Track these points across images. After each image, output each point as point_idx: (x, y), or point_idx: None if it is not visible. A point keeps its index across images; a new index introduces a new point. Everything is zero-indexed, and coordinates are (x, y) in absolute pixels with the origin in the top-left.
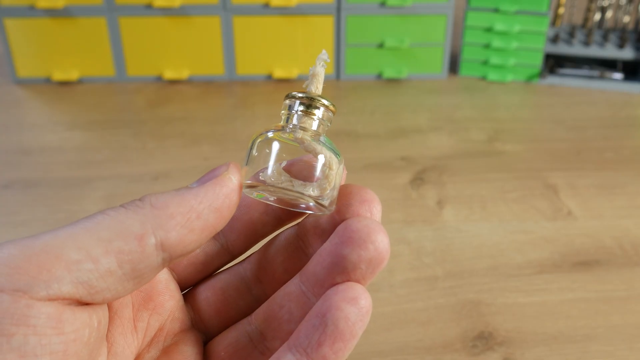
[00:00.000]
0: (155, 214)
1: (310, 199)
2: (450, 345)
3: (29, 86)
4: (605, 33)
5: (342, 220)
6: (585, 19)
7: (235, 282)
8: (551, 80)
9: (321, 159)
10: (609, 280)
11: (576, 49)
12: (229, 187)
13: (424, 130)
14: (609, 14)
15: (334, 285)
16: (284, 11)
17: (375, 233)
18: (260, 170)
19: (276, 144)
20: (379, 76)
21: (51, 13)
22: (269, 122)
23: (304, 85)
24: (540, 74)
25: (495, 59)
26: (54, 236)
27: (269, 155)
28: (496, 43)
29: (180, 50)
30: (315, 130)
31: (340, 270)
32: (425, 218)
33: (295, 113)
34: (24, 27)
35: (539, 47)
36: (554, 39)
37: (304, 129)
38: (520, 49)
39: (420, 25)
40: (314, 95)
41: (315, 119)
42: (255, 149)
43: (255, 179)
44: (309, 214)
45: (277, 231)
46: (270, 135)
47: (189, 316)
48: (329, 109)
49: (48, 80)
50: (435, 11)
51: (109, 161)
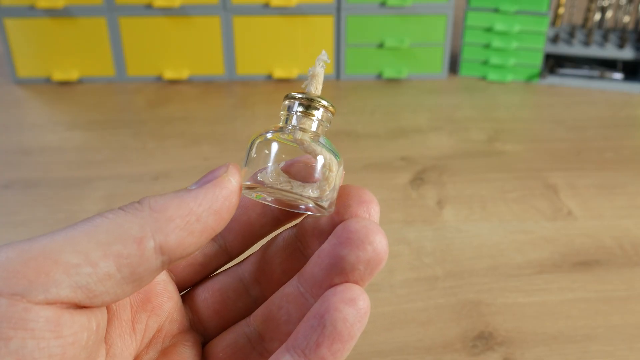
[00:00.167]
0: (154, 217)
1: (310, 200)
2: (450, 345)
3: (29, 86)
4: (605, 33)
5: (341, 221)
6: (585, 19)
7: (233, 284)
8: (551, 80)
9: (320, 160)
10: (609, 280)
11: (576, 49)
12: (229, 189)
13: (424, 130)
14: (609, 14)
15: (332, 286)
16: (284, 11)
17: (373, 234)
18: (259, 170)
19: (275, 144)
20: (379, 76)
21: (51, 13)
22: (269, 122)
23: (303, 85)
24: (540, 74)
25: (495, 59)
26: (52, 239)
27: (268, 156)
28: (496, 43)
29: (180, 50)
30: (315, 131)
31: (339, 271)
32: (425, 218)
33: (294, 114)
34: (24, 27)
35: (539, 47)
36: (554, 39)
37: (303, 130)
38: (520, 49)
39: (420, 25)
40: (313, 96)
41: (315, 120)
42: (255, 150)
43: (254, 180)
44: (307, 215)
45: (275, 232)
46: (269, 136)
47: (188, 317)
48: (328, 110)
49: (48, 80)
50: (435, 11)
51: (109, 161)
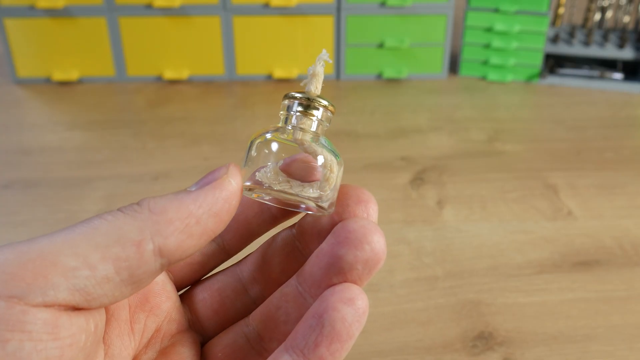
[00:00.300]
0: (153, 219)
1: (310, 200)
2: (450, 345)
3: (29, 86)
4: (605, 33)
5: (340, 221)
6: (585, 19)
7: (232, 283)
8: (551, 80)
9: (320, 161)
10: (609, 280)
11: (576, 49)
12: (229, 191)
13: (424, 130)
14: (609, 14)
15: (330, 286)
16: (284, 11)
17: (371, 234)
18: (257, 169)
19: (275, 144)
20: (379, 76)
21: (51, 13)
22: (269, 122)
23: (302, 84)
24: (540, 74)
25: (495, 59)
26: (50, 241)
27: (267, 156)
28: (496, 43)
29: (180, 50)
30: (314, 131)
31: (337, 271)
32: (425, 218)
33: (293, 114)
34: (24, 27)
35: (539, 47)
36: (554, 39)
37: (303, 130)
38: (520, 49)
39: (420, 25)
40: (312, 96)
41: (314, 119)
42: (254, 150)
43: (253, 181)
44: (306, 214)
45: (274, 229)
46: (268, 136)
47: (186, 317)
48: (328, 109)
49: (48, 80)
50: (435, 11)
51: (109, 161)
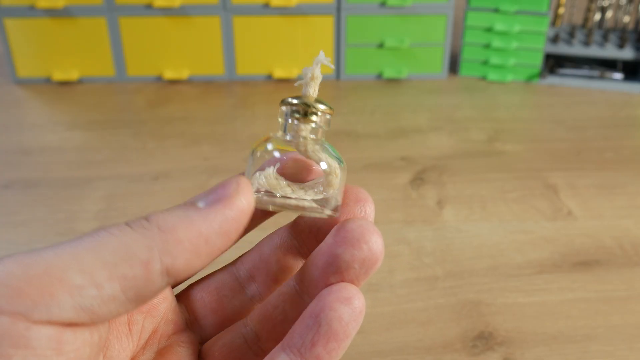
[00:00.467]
0: (162, 238)
1: (314, 205)
2: (450, 345)
3: (29, 86)
4: (605, 33)
5: (337, 221)
6: (585, 19)
7: (229, 282)
8: (551, 80)
9: (324, 167)
10: (609, 280)
11: (576, 49)
12: (239, 210)
13: (424, 130)
14: (609, 14)
15: (328, 285)
16: (284, 11)
17: (369, 233)
18: (256, 173)
19: (277, 154)
20: (379, 76)
21: (51, 13)
22: (269, 122)
23: (296, 84)
24: (540, 74)
25: (495, 59)
26: (57, 255)
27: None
28: (496, 43)
29: (180, 50)
30: (315, 137)
31: (334, 270)
32: (425, 218)
33: (293, 120)
34: (24, 27)
35: (539, 47)
36: (554, 39)
37: (304, 137)
38: (520, 49)
39: (420, 25)
40: (310, 102)
41: (314, 125)
42: (257, 160)
43: (254, 188)
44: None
45: (265, 220)
46: (269, 147)
47: (183, 317)
48: (327, 114)
49: (48, 80)
50: (435, 11)
51: (109, 161)
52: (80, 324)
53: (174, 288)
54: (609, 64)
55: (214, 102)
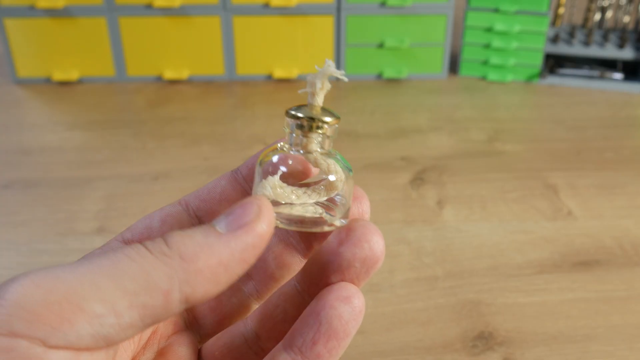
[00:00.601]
0: (183, 267)
1: (325, 224)
2: (450, 345)
3: (29, 86)
4: (605, 33)
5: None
6: (585, 19)
7: None
8: (551, 80)
9: (333, 178)
10: (609, 280)
11: (576, 49)
12: (259, 236)
13: (424, 130)
14: (609, 14)
15: (328, 285)
16: (284, 11)
17: (371, 234)
18: (259, 185)
19: (276, 159)
20: (379, 76)
21: (51, 13)
22: (269, 122)
23: (300, 91)
24: (540, 74)
25: (495, 59)
26: (77, 281)
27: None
28: (496, 43)
29: (180, 50)
30: (322, 148)
31: (335, 269)
32: (425, 218)
33: (300, 134)
34: (24, 27)
35: (539, 47)
36: (554, 39)
37: (311, 151)
38: (520, 49)
39: (420, 25)
40: (317, 115)
41: (321, 138)
42: (264, 172)
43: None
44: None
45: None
46: (275, 160)
47: (182, 317)
48: (334, 124)
49: (48, 80)
50: (435, 11)
51: (109, 161)
52: (96, 349)
53: None
54: (609, 64)
55: (214, 102)
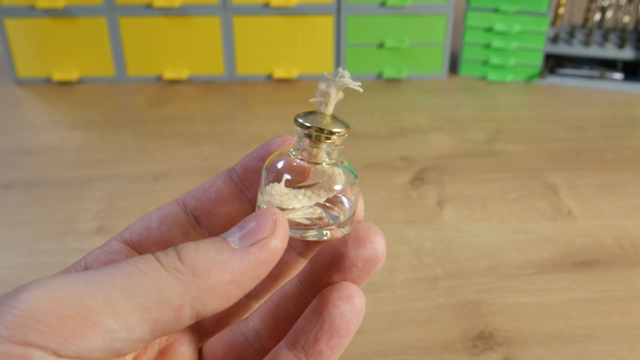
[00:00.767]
0: (196, 284)
1: (330, 230)
2: (450, 345)
3: (29, 86)
4: (605, 33)
5: None
6: (585, 19)
7: None
8: (551, 80)
9: (338, 188)
10: (609, 280)
11: (576, 49)
12: (272, 253)
13: (424, 130)
14: (609, 14)
15: (330, 284)
16: (284, 11)
17: (373, 234)
18: (265, 188)
19: (280, 165)
20: (379, 76)
21: (51, 13)
22: (269, 122)
23: (312, 100)
24: (540, 74)
25: (495, 59)
26: (91, 294)
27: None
28: (496, 43)
29: (180, 50)
30: (329, 158)
31: (338, 268)
32: (425, 218)
33: (308, 142)
34: (24, 27)
35: (539, 47)
36: (554, 39)
37: (318, 161)
38: (520, 49)
39: (420, 25)
40: (326, 125)
41: (330, 149)
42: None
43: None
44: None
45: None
46: (280, 166)
47: None
48: (342, 135)
49: (48, 80)
50: (435, 11)
51: (109, 161)
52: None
53: None
54: (609, 64)
55: (214, 102)
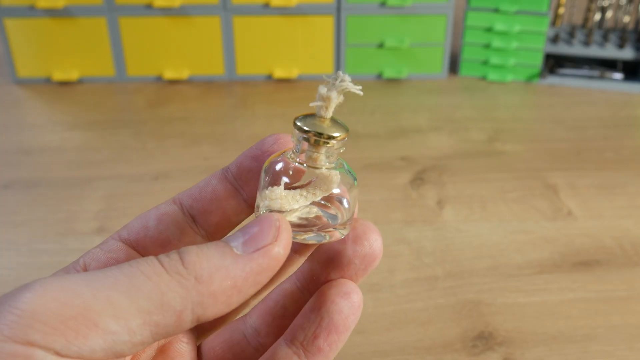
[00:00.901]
0: (198, 290)
1: (329, 232)
2: (450, 345)
3: (29, 86)
4: (605, 33)
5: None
6: (585, 19)
7: None
8: (551, 80)
9: (337, 191)
10: (609, 280)
11: (576, 49)
12: (275, 260)
13: (424, 130)
14: (609, 14)
15: (327, 281)
16: (284, 11)
17: (371, 232)
18: (264, 191)
19: (279, 167)
20: (379, 76)
21: (51, 13)
22: (269, 122)
23: (312, 104)
24: (540, 74)
25: (495, 59)
26: (94, 296)
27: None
28: (496, 43)
29: (180, 50)
30: (328, 162)
31: (335, 265)
32: (425, 218)
33: (306, 146)
34: (24, 27)
35: (539, 47)
36: (554, 39)
37: (317, 166)
38: (520, 49)
39: (420, 25)
40: (325, 129)
41: (329, 153)
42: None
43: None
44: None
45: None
46: (278, 169)
47: None
48: (341, 139)
49: (48, 80)
50: (435, 11)
51: (109, 161)
52: None
53: None
54: (609, 64)
55: (214, 102)
